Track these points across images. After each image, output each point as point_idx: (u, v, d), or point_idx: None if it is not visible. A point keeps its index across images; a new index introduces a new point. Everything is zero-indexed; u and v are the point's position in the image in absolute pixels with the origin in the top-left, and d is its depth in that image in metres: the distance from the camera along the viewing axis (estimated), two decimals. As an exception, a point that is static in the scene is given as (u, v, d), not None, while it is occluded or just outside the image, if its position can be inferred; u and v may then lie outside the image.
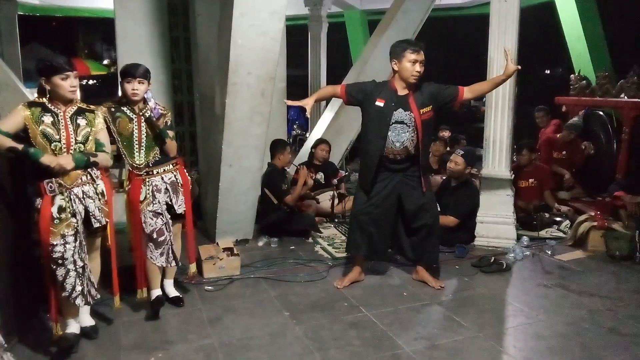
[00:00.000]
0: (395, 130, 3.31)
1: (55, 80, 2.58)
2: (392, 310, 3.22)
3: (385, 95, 3.34)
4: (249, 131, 4.14)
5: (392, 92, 3.34)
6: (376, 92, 3.36)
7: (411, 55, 3.25)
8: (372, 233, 3.51)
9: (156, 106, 2.96)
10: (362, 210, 3.48)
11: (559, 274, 3.83)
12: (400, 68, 3.29)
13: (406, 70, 3.27)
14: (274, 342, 2.85)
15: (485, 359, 2.68)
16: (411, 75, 3.26)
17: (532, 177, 5.18)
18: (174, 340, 2.87)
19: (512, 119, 4.32)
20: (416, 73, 3.26)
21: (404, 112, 3.31)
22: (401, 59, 3.28)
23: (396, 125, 3.31)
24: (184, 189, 3.17)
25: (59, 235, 2.57)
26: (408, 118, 3.31)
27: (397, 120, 3.31)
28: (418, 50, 3.26)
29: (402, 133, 3.32)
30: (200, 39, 4.71)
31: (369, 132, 3.42)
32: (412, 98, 3.32)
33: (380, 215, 3.49)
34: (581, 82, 6.03)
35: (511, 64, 3.28)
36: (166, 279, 3.31)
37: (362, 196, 3.50)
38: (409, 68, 3.25)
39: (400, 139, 3.32)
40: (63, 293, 2.60)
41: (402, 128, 3.31)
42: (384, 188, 3.43)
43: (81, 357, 2.71)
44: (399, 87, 3.34)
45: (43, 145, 2.58)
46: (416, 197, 3.46)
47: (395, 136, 3.32)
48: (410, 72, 3.25)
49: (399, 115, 3.31)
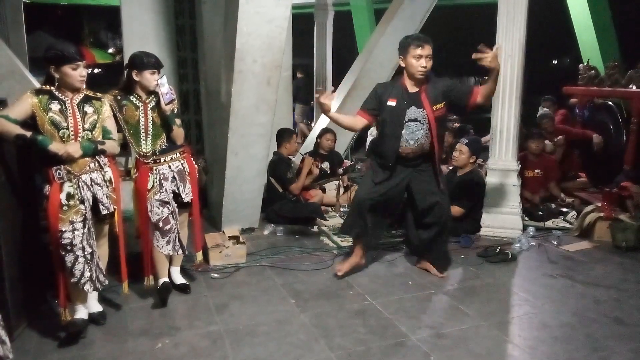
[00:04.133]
0: (409, 129, 3.27)
1: (66, 69, 2.58)
2: (397, 299, 3.23)
3: (396, 94, 3.29)
4: (254, 119, 4.13)
5: (403, 90, 3.29)
6: (386, 93, 3.31)
7: (415, 50, 3.17)
8: (367, 222, 3.46)
9: (169, 90, 2.94)
10: (366, 195, 3.44)
11: (565, 265, 3.82)
12: (407, 64, 3.24)
13: (412, 66, 3.20)
14: (280, 329, 2.87)
15: (491, 347, 2.69)
16: (417, 71, 3.19)
17: (538, 168, 5.16)
18: (181, 327, 2.90)
19: (519, 108, 4.30)
20: (422, 69, 3.18)
21: (416, 110, 3.26)
22: (406, 55, 3.21)
23: (410, 124, 3.27)
24: (191, 177, 3.17)
25: (67, 221, 2.59)
26: (421, 115, 3.26)
27: (410, 118, 3.26)
28: (422, 44, 3.17)
29: (417, 131, 3.27)
30: (206, 27, 4.69)
31: (384, 132, 3.39)
32: (425, 95, 3.26)
33: (383, 203, 3.45)
34: (590, 72, 5.96)
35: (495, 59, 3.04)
36: (173, 267, 3.33)
37: (369, 183, 3.47)
38: (414, 64, 3.18)
39: (415, 136, 3.28)
40: (72, 279, 2.63)
41: (416, 126, 3.27)
42: (392, 178, 3.41)
43: (89, 342, 2.74)
44: (409, 85, 3.29)
45: (51, 132, 2.59)
46: (429, 193, 3.43)
47: (409, 134, 3.28)
48: (416, 68, 3.18)
49: (412, 113, 3.26)
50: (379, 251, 3.90)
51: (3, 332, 1.93)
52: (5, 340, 1.94)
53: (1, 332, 1.92)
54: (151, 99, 3.03)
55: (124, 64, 3.22)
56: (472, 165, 4.45)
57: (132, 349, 2.67)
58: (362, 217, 3.47)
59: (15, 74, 4.92)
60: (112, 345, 2.71)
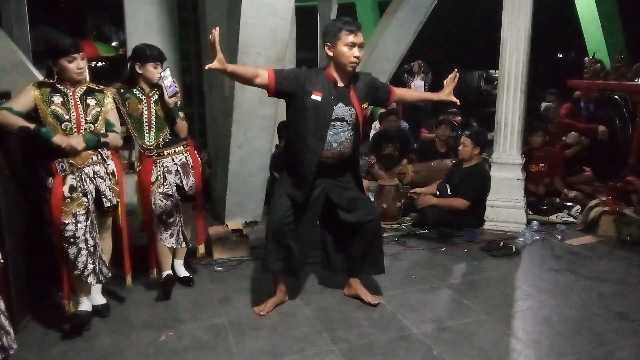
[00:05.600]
0: (333, 129, 2.75)
1: (62, 62, 2.58)
2: (401, 293, 3.23)
3: (321, 87, 2.71)
4: (258, 112, 4.12)
5: (331, 84, 2.74)
6: (310, 84, 2.71)
7: (348, 37, 2.65)
8: (292, 247, 2.90)
9: (172, 83, 2.93)
10: (283, 220, 2.85)
11: (569, 259, 3.81)
12: (336, 53, 2.69)
13: (342, 55, 2.67)
14: (284, 322, 2.88)
15: (494, 341, 2.69)
16: (349, 62, 2.67)
17: (542, 162, 5.14)
18: (184, 319, 2.91)
19: (524, 102, 4.27)
20: (354, 59, 2.67)
21: (344, 108, 2.75)
22: (336, 43, 2.68)
23: (335, 123, 2.74)
24: (195, 171, 3.17)
25: (70, 214, 2.59)
26: (349, 114, 2.76)
27: (337, 117, 2.74)
28: (355, 30, 2.67)
29: (341, 132, 2.76)
30: (209, 19, 4.67)
31: (302, 132, 2.74)
32: (354, 91, 2.78)
33: (303, 225, 2.92)
34: (595, 65, 5.94)
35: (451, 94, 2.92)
36: (176, 260, 3.34)
37: (284, 203, 2.85)
38: (345, 53, 2.66)
39: (339, 138, 2.77)
40: (75, 271, 2.63)
41: (342, 126, 2.76)
42: (309, 193, 2.85)
43: (93, 334, 2.75)
44: (337, 77, 2.75)
45: (53, 125, 2.58)
46: (347, 196, 2.93)
47: (333, 135, 2.75)
48: (348, 58, 2.66)
49: (339, 111, 2.74)
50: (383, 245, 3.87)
51: (7, 322, 1.95)
52: (9, 331, 1.95)
53: (5, 322, 1.94)
54: (154, 91, 3.02)
55: (128, 57, 3.21)
56: (477, 157, 4.42)
57: (135, 341, 2.68)
58: (282, 247, 2.91)
59: (19, 67, 4.92)
60: (116, 338, 2.72)
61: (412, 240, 4.18)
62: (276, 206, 2.89)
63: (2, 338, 1.90)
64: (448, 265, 3.72)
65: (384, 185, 4.64)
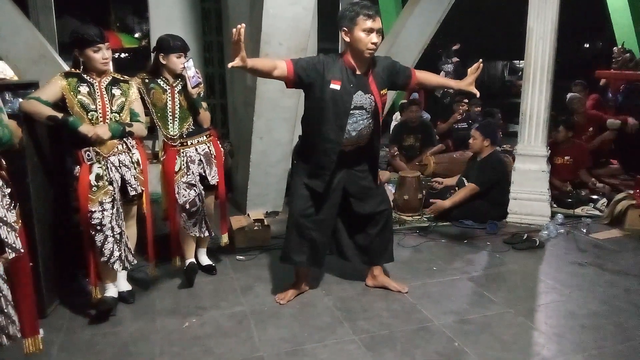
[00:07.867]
0: (352, 117, 2.72)
1: (88, 52, 2.61)
2: (422, 284, 3.22)
3: (340, 75, 2.66)
4: (279, 103, 4.13)
5: (349, 71, 2.68)
6: (329, 72, 2.66)
7: (366, 22, 2.56)
8: (314, 239, 2.91)
9: (195, 74, 2.95)
10: (303, 212, 2.87)
11: (594, 253, 3.74)
12: (353, 39, 2.61)
13: (359, 41, 2.59)
14: (304, 311, 2.90)
15: (516, 334, 2.66)
16: (366, 49, 2.60)
17: (568, 155, 5.04)
18: (207, 307, 2.95)
19: (550, 93, 4.19)
20: (372, 45, 2.59)
21: (364, 96, 2.70)
22: (353, 28, 2.59)
23: (354, 112, 2.71)
24: (217, 160, 3.20)
25: (97, 202, 2.64)
26: (368, 102, 2.72)
27: (356, 105, 2.70)
28: (374, 15, 2.57)
29: (360, 120, 2.74)
30: (232, 10, 4.68)
31: (321, 121, 2.71)
32: (372, 78, 2.72)
33: (324, 214, 2.91)
34: (625, 55, 5.78)
35: (472, 85, 2.84)
36: (200, 248, 3.39)
37: (304, 195, 2.86)
38: (363, 39, 2.57)
39: (357, 127, 2.74)
40: (102, 258, 2.69)
41: (361, 114, 2.73)
42: (329, 184, 2.84)
43: (119, 320, 2.82)
44: (355, 64, 2.69)
45: (80, 114, 2.63)
46: (362, 185, 2.93)
47: (352, 124, 2.72)
48: (365, 45, 2.58)
49: (359, 100, 2.70)
50: (404, 236, 3.87)
51: (13, 311, 1.97)
52: (14, 320, 1.98)
53: (11, 311, 1.96)
54: (178, 82, 3.05)
55: (151, 49, 3.24)
56: (488, 148, 4.37)
57: (160, 327, 2.74)
58: (305, 238, 2.91)
59: (46, 57, 5.02)
60: (141, 323, 2.78)
61: (433, 232, 4.16)
62: (296, 198, 2.91)
63: (8, 327, 1.94)
64: (470, 257, 3.69)
65: (406, 176, 4.62)
